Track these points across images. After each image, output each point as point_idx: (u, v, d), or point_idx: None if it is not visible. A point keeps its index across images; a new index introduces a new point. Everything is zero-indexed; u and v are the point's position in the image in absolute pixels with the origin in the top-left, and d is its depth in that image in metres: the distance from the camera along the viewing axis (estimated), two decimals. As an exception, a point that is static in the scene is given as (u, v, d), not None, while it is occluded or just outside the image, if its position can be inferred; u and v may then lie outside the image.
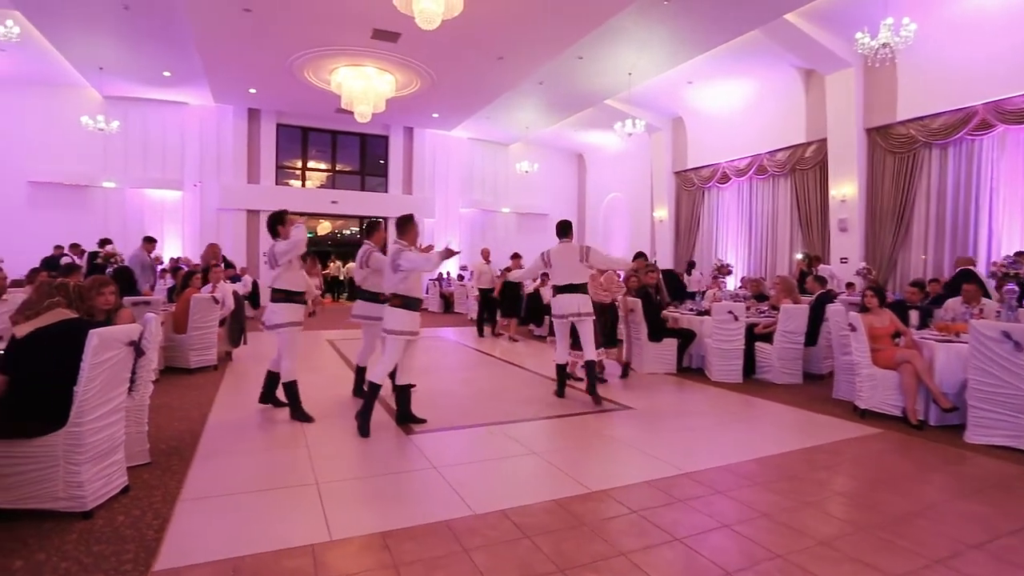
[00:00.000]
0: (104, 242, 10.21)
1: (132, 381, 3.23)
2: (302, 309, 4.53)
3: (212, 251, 7.48)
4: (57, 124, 13.62)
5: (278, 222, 4.42)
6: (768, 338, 6.40)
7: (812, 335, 6.36)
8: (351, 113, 12.88)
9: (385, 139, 17.35)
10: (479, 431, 4.30)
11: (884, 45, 7.34)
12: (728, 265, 9.13)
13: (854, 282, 10.03)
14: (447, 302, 15.14)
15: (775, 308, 7.47)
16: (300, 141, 16.57)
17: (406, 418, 4.38)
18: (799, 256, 10.33)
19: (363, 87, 11.93)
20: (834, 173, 11.34)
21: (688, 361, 6.96)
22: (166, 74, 12.68)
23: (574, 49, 11.01)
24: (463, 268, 16.12)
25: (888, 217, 10.70)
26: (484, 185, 19.14)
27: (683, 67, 12.14)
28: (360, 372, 5.25)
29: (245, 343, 7.20)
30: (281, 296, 4.42)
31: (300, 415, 4.42)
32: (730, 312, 6.14)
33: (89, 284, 3.28)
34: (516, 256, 9.85)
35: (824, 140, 11.63)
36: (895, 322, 4.89)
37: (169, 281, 10.06)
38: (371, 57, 11.07)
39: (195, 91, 14.00)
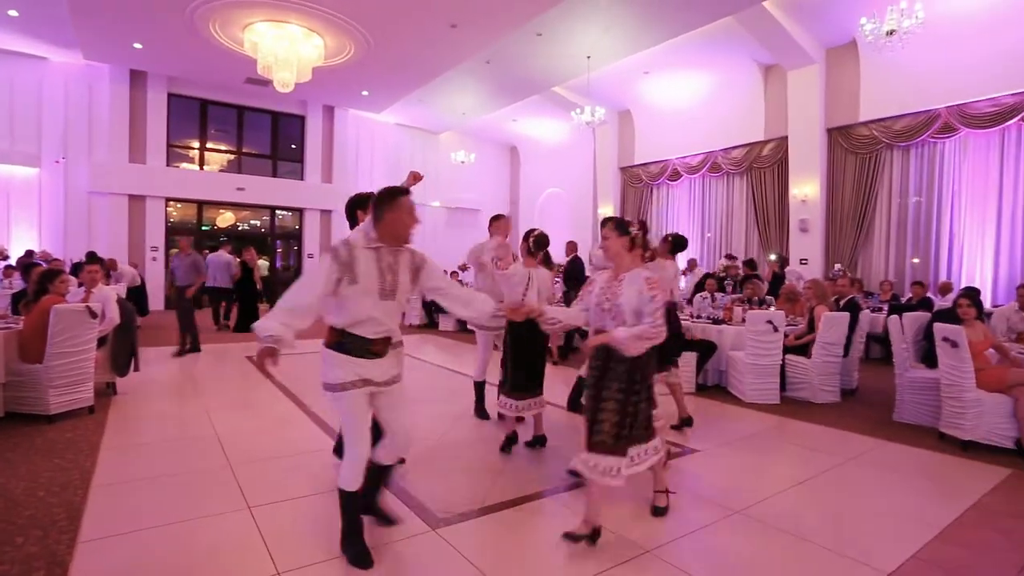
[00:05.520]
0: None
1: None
2: None
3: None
4: None
5: (358, 207, 3.13)
6: (799, 350, 5.60)
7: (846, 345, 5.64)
8: (264, 84, 10.80)
9: (301, 119, 15.10)
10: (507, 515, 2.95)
11: (890, 33, 6.83)
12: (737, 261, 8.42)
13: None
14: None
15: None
16: (198, 115, 13.89)
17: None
18: (772, 257, 9.87)
19: (284, 51, 9.92)
20: (795, 172, 11.06)
21: (703, 378, 6.02)
22: (12, 13, 9.81)
23: (534, 24, 9.83)
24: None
25: (848, 218, 10.56)
26: (413, 176, 17.42)
27: (640, 55, 11.37)
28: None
29: (136, 369, 5.22)
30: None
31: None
32: (769, 322, 5.22)
33: None
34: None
35: (783, 138, 11.34)
36: (990, 336, 4.17)
37: (18, 283, 7.58)
38: (297, 12, 9.12)
39: (57, 43, 11.13)
